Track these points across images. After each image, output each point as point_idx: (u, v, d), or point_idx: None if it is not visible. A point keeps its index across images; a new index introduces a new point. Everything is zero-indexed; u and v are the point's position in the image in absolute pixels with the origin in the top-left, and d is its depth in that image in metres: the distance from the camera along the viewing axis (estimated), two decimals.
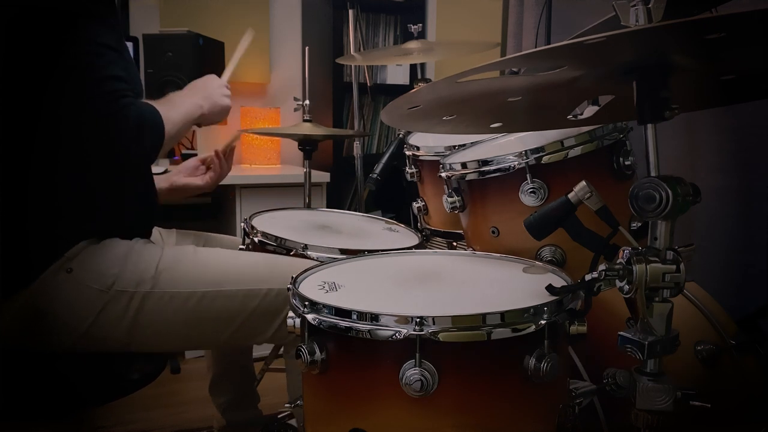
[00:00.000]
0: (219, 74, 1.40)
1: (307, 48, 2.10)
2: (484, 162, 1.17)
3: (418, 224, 1.66)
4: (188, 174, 1.52)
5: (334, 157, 3.00)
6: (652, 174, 0.78)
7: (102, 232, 1.15)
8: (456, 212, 1.27)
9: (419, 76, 2.27)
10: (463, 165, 1.20)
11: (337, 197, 2.94)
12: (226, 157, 1.53)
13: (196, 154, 2.61)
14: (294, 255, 1.30)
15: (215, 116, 1.31)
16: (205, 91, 1.30)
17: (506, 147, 1.27)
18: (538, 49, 0.72)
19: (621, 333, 0.80)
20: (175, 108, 1.19)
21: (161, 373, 1.31)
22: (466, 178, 1.21)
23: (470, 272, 1.07)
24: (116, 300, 1.12)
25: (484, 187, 1.20)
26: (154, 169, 1.25)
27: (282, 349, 1.41)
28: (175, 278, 1.17)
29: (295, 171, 2.75)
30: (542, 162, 1.11)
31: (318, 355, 0.84)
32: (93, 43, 1.04)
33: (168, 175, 1.50)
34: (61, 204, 1.12)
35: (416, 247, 1.39)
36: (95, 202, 1.16)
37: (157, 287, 1.15)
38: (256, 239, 1.38)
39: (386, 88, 3.19)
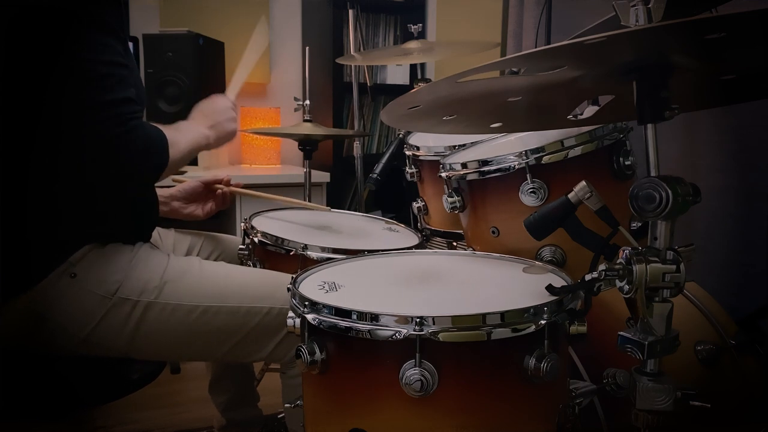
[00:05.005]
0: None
1: (307, 48, 2.11)
2: (484, 162, 1.17)
3: (418, 224, 1.66)
4: (188, 195, 1.52)
5: (334, 157, 3.00)
6: (652, 174, 0.78)
7: (105, 235, 1.15)
8: (456, 212, 1.27)
9: (419, 76, 2.27)
10: (463, 165, 1.20)
11: (337, 197, 2.94)
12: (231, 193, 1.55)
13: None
14: (294, 255, 1.30)
15: (222, 143, 1.32)
16: (213, 118, 1.30)
17: (506, 147, 1.27)
18: (538, 49, 0.72)
19: (621, 333, 0.80)
20: (182, 134, 1.19)
21: (161, 373, 1.31)
22: (466, 178, 1.21)
23: (470, 272, 1.07)
24: (119, 307, 1.12)
25: (484, 187, 1.20)
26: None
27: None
28: (179, 290, 1.17)
29: (295, 171, 2.75)
30: (542, 162, 1.11)
31: (318, 355, 0.83)
32: (102, 62, 1.03)
33: (169, 198, 1.49)
34: (62, 207, 1.11)
35: (416, 247, 1.39)
36: (97, 205, 1.15)
37: (160, 298, 1.15)
38: (255, 239, 1.38)
39: (386, 88, 3.19)
